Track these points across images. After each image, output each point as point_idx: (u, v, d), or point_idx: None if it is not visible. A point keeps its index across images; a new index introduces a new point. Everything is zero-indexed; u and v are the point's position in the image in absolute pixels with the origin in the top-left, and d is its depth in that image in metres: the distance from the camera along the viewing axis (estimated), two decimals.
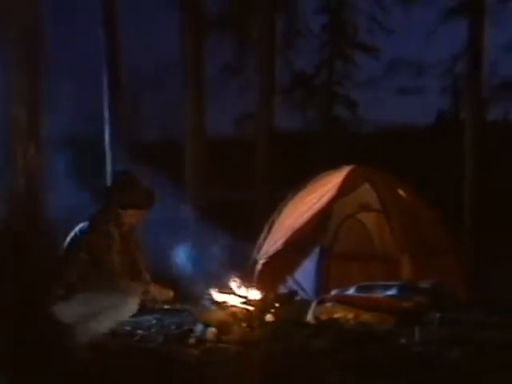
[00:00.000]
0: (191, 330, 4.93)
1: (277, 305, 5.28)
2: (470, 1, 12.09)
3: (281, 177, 11.43)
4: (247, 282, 5.64)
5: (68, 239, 4.66)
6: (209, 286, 5.32)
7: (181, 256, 5.49)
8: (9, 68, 5.57)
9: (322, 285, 6.30)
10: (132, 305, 4.55)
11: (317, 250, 6.60)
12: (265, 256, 7.06)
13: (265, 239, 7.29)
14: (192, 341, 4.74)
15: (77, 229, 4.67)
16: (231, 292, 5.34)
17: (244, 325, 4.95)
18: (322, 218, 6.84)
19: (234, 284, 5.45)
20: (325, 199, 6.95)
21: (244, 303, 5.20)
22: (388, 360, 4.24)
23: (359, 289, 5.56)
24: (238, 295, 5.31)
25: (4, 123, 5.59)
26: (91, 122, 10.99)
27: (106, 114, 10.49)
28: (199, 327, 4.90)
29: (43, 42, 5.84)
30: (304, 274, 6.55)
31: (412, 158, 13.32)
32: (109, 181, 9.36)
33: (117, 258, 4.52)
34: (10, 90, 5.44)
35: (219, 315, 4.98)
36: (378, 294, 5.37)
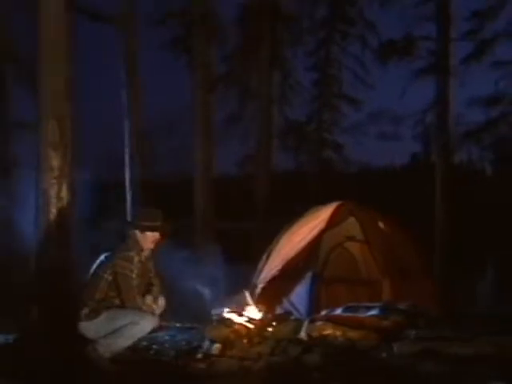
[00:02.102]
0: (199, 346, 4.90)
1: (274, 323, 5.25)
2: (436, 62, 12.34)
3: (278, 210, 11.44)
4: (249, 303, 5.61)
5: (95, 265, 4.68)
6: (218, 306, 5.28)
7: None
8: (44, 117, 5.67)
9: (314, 306, 6.24)
10: (149, 323, 4.52)
11: (309, 276, 6.56)
12: (263, 281, 7.02)
13: (263, 266, 7.25)
14: (200, 355, 4.71)
15: (103, 256, 4.69)
16: (237, 311, 5.29)
17: (245, 341, 4.92)
18: (314, 247, 6.82)
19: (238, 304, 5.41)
20: (316, 231, 6.96)
21: (246, 322, 5.17)
22: (371, 371, 4.21)
23: (346, 309, 5.51)
24: (242, 314, 5.27)
25: (39, 166, 5.65)
26: (114, 165, 11.06)
27: (127, 158, 10.55)
28: (206, 343, 4.87)
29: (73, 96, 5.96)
30: (298, 297, 6.50)
31: (390, 193, 13.35)
32: (129, 217, 9.35)
33: (135, 280, 4.52)
34: (46, 137, 5.52)
35: (224, 333, 4.95)
36: (362, 314, 5.33)
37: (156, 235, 4.71)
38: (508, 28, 11.64)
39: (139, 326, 4.43)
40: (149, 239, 4.68)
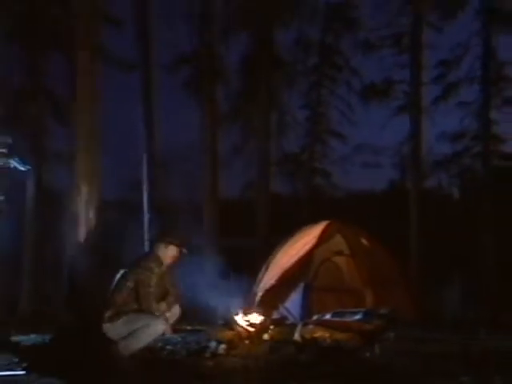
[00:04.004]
0: (207, 346, 4.89)
1: (272, 327, 5.25)
2: (411, 102, 12.60)
3: (275, 229, 11.45)
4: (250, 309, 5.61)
5: (119, 274, 4.69)
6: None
7: None
8: (77, 150, 5.79)
9: (306, 311, 6.22)
10: (160, 326, 4.51)
11: (302, 285, 6.56)
12: (262, 289, 7.02)
13: (262, 276, 7.26)
14: (208, 354, 4.72)
15: (127, 268, 4.71)
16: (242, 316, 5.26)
17: (247, 342, 4.92)
18: (306, 260, 6.83)
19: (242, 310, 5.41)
20: (308, 246, 6.98)
21: (247, 326, 5.17)
22: (356, 369, 4.23)
23: (334, 314, 5.51)
24: (246, 319, 5.26)
25: (70, 192, 5.75)
26: (133, 189, 11.06)
27: (144, 182, 10.59)
28: (213, 344, 4.87)
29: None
30: (292, 303, 6.48)
31: (371, 215, 13.37)
32: (146, 235, 9.38)
33: (153, 288, 4.53)
34: (78, 167, 5.63)
35: (228, 335, 4.95)
36: (348, 319, 5.33)
37: (176, 251, 4.73)
38: (469, 75, 12.08)
39: (150, 328, 4.39)
40: (170, 254, 4.69)
